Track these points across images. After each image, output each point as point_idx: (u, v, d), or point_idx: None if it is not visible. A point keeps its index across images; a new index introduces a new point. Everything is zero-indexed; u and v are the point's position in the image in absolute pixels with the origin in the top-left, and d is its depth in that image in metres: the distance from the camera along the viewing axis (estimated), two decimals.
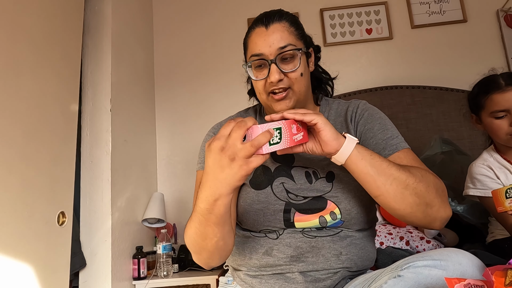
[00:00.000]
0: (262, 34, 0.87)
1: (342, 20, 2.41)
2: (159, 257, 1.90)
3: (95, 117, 1.82)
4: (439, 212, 0.76)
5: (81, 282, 1.69)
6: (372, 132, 0.89)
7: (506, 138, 1.27)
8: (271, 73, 0.85)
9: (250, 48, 0.90)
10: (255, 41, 0.87)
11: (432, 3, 2.37)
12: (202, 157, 0.96)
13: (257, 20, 0.90)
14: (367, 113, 0.94)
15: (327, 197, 0.86)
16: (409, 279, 0.66)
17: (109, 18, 1.90)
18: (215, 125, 1.04)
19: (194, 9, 2.52)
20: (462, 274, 0.65)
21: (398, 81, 2.28)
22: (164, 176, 2.36)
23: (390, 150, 0.85)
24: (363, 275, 0.86)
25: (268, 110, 0.98)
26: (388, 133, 0.88)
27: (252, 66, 0.89)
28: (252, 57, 0.88)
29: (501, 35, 2.29)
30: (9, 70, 1.23)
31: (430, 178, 0.77)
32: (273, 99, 0.88)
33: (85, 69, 1.86)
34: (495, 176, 1.31)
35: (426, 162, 1.77)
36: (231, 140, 0.63)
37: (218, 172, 0.64)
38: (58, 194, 1.41)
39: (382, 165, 0.74)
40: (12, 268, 1.16)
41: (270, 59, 0.86)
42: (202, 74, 2.45)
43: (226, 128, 0.65)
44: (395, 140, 0.87)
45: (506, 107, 1.25)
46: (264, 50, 0.86)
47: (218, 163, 0.64)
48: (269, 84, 0.87)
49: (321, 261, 0.84)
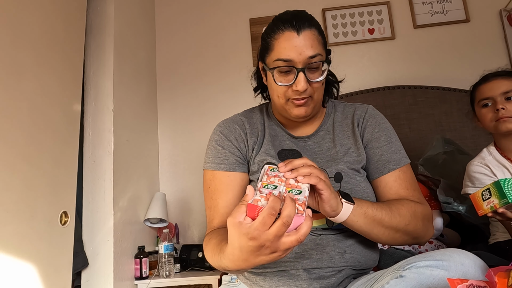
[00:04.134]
0: (292, 39, 0.84)
1: (344, 20, 2.40)
2: (161, 257, 1.91)
3: (98, 117, 1.83)
4: (425, 237, 0.87)
5: (83, 282, 1.69)
6: (378, 142, 0.94)
7: (492, 125, 1.32)
8: (299, 82, 0.84)
9: (277, 51, 0.86)
10: (284, 45, 0.84)
11: (435, 3, 2.37)
12: (211, 156, 0.96)
13: (286, 21, 0.86)
14: (375, 121, 0.97)
15: None
16: (411, 279, 0.66)
17: (111, 19, 1.91)
18: (221, 122, 1.02)
19: (196, 9, 2.52)
20: (464, 274, 0.65)
21: (400, 81, 2.28)
22: (166, 176, 2.36)
23: (394, 164, 0.92)
24: (366, 276, 0.87)
25: (282, 112, 0.95)
26: (393, 146, 0.94)
27: (276, 70, 0.87)
28: (279, 61, 0.85)
29: (504, 34, 2.28)
30: (12, 71, 1.23)
31: (418, 212, 0.85)
32: (292, 104, 0.88)
33: (87, 69, 1.86)
34: (492, 174, 1.32)
35: (428, 162, 1.79)
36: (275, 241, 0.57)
37: (252, 258, 0.60)
38: (61, 194, 1.41)
39: (374, 221, 0.79)
40: (15, 268, 1.17)
41: (298, 67, 0.84)
42: (204, 74, 2.45)
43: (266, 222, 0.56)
44: (399, 154, 0.94)
45: (489, 95, 1.32)
46: (294, 57, 0.84)
47: (254, 253, 0.59)
48: (293, 92, 0.86)
49: (325, 259, 0.85)
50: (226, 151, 0.95)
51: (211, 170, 0.94)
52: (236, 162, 0.94)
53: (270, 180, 0.67)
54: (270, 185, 0.65)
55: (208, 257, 0.77)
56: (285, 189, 0.65)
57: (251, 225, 0.56)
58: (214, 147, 0.96)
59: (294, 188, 0.65)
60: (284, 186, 0.65)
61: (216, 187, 0.92)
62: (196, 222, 2.30)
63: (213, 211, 0.92)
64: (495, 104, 1.29)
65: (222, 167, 0.93)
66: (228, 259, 0.64)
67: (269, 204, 0.56)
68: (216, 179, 0.93)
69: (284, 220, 0.55)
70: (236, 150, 0.95)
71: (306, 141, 0.98)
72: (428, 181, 1.79)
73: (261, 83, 1.04)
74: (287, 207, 0.56)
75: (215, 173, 0.93)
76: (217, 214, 0.91)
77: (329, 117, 1.01)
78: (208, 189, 0.94)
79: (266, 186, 0.64)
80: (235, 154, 0.95)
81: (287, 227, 0.56)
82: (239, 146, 0.96)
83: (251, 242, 0.57)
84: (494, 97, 1.30)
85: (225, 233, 0.75)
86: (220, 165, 0.93)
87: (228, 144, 0.96)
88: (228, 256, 0.64)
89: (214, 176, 0.93)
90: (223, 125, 1.00)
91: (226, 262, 0.65)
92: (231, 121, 1.01)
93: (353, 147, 0.94)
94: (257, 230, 0.56)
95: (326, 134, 0.98)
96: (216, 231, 0.85)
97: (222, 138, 0.97)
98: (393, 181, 0.91)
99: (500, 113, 1.27)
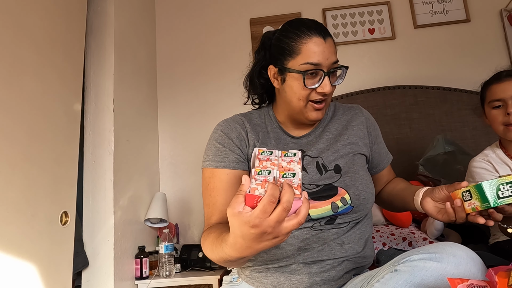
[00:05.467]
0: (321, 45, 0.90)
1: (345, 20, 2.40)
2: (161, 257, 1.91)
3: (98, 117, 1.83)
4: None
5: (83, 282, 1.69)
6: (378, 140, 1.08)
7: (501, 129, 1.29)
8: (325, 84, 0.90)
9: (305, 54, 0.90)
10: (314, 50, 0.89)
11: (435, 3, 2.37)
12: (211, 154, 0.96)
13: (310, 27, 0.91)
14: (371, 120, 1.09)
15: (337, 184, 0.93)
16: (404, 272, 0.69)
17: (111, 19, 1.91)
18: (221, 122, 1.02)
19: (197, 9, 2.52)
20: (457, 265, 0.67)
21: (401, 81, 2.28)
22: (167, 176, 2.36)
23: (386, 162, 1.11)
24: (364, 273, 0.89)
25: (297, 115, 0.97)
26: (384, 145, 1.11)
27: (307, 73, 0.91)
28: (308, 65, 0.89)
29: (504, 34, 2.28)
30: (12, 71, 1.23)
31: None
32: (312, 108, 0.94)
33: (88, 69, 1.87)
34: (495, 170, 1.31)
35: (429, 162, 1.79)
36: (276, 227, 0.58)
37: (255, 245, 0.61)
38: (61, 193, 1.41)
39: None
40: (16, 268, 1.17)
41: (325, 71, 0.90)
42: (205, 74, 2.45)
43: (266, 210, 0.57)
44: (387, 152, 1.13)
45: (501, 97, 1.28)
46: (322, 61, 0.89)
47: (257, 240, 0.60)
48: (317, 94, 0.92)
49: (326, 250, 0.88)
50: (227, 149, 0.95)
51: (211, 168, 0.94)
52: (236, 160, 0.94)
53: (263, 165, 0.67)
54: (263, 170, 0.65)
55: (208, 251, 0.77)
56: (278, 173, 0.65)
57: (252, 213, 0.57)
58: (215, 145, 0.97)
59: (288, 171, 0.65)
60: (277, 170, 0.65)
61: (215, 184, 0.93)
62: (196, 222, 2.30)
63: (212, 208, 0.92)
64: (506, 107, 1.26)
65: (222, 164, 0.94)
66: (231, 248, 0.65)
67: (269, 192, 0.57)
68: (216, 176, 0.93)
69: (284, 206, 0.56)
70: (237, 148, 0.96)
71: (307, 137, 1.01)
72: (428, 182, 1.79)
73: (261, 86, 1.04)
74: (286, 192, 0.57)
75: (215, 171, 0.94)
76: (216, 211, 0.91)
77: (326, 115, 1.07)
78: (207, 187, 0.94)
79: (260, 173, 0.64)
80: (235, 152, 0.95)
81: (287, 212, 0.57)
82: (239, 144, 0.97)
83: (253, 229, 0.57)
84: (506, 99, 1.26)
85: (224, 227, 0.75)
86: (220, 162, 0.94)
87: (229, 142, 0.96)
88: (231, 245, 0.64)
89: (213, 174, 0.94)
90: (224, 124, 1.01)
91: (229, 251, 0.66)
92: (232, 121, 1.02)
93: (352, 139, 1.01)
94: (258, 218, 0.56)
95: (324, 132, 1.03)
96: (215, 225, 0.85)
97: (223, 136, 0.97)
98: (387, 172, 1.13)
99: (511, 117, 1.24)
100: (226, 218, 0.86)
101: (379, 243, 1.61)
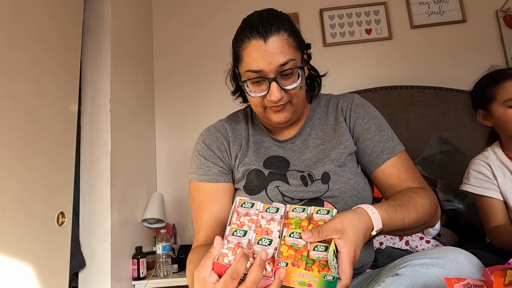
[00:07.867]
0: (260, 48, 0.79)
1: (342, 20, 2.41)
2: (158, 257, 1.90)
3: (95, 117, 1.82)
4: (435, 221, 0.85)
5: (80, 283, 1.68)
6: (369, 133, 0.90)
7: None
8: (272, 92, 0.80)
9: (246, 61, 0.82)
10: (252, 55, 0.80)
11: (432, 3, 2.38)
12: (194, 167, 0.95)
13: (252, 28, 0.81)
14: (363, 110, 0.93)
15: (324, 198, 0.85)
16: (406, 277, 0.67)
17: (108, 19, 1.90)
18: (203, 131, 1.00)
19: (194, 10, 2.52)
20: (459, 271, 0.65)
21: (398, 81, 2.28)
22: (164, 176, 2.36)
23: (388, 153, 0.88)
24: (362, 275, 0.87)
25: (263, 120, 0.95)
26: (384, 135, 0.90)
27: (249, 82, 0.84)
28: (249, 72, 0.81)
29: (500, 35, 2.29)
30: (8, 71, 1.22)
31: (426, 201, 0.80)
32: (271, 111, 0.86)
33: (84, 69, 1.86)
34: (493, 176, 1.29)
35: (425, 162, 1.79)
36: None
37: None
38: (58, 194, 1.41)
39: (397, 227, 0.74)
40: (12, 269, 1.16)
41: (270, 77, 0.80)
42: (202, 75, 2.45)
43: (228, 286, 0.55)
44: (392, 142, 0.89)
45: None
46: (264, 67, 0.80)
47: None
48: (268, 101, 0.83)
49: None
50: (209, 162, 0.94)
51: (195, 181, 0.94)
52: (219, 173, 0.93)
53: (240, 220, 0.64)
54: (239, 229, 0.62)
55: (188, 279, 0.77)
56: (254, 236, 0.62)
57: (214, 286, 0.57)
58: (197, 157, 0.95)
59: (265, 237, 0.62)
60: (254, 232, 0.63)
61: (201, 198, 0.92)
62: None
63: (198, 224, 0.92)
64: None
65: (205, 178, 0.92)
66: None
67: (232, 267, 0.55)
68: (200, 190, 0.93)
69: (247, 287, 0.55)
70: (219, 160, 0.94)
71: (293, 141, 0.95)
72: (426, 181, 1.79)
73: (237, 87, 1.03)
74: (253, 271, 0.55)
75: (199, 184, 0.93)
76: (202, 227, 0.90)
77: (314, 112, 0.98)
78: (193, 200, 0.94)
79: (235, 233, 0.62)
80: (217, 164, 0.94)
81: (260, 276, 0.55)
82: (221, 155, 0.95)
83: None
84: None
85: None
86: (203, 176, 0.93)
87: (210, 154, 0.94)
88: None
89: (198, 187, 0.93)
90: (206, 134, 0.98)
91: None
92: (214, 129, 0.99)
93: (339, 139, 0.91)
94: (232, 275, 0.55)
95: (312, 130, 0.95)
96: (197, 252, 0.83)
97: (204, 148, 0.95)
98: (390, 167, 0.87)
99: None
100: (212, 235, 0.86)
101: (376, 242, 1.61)
